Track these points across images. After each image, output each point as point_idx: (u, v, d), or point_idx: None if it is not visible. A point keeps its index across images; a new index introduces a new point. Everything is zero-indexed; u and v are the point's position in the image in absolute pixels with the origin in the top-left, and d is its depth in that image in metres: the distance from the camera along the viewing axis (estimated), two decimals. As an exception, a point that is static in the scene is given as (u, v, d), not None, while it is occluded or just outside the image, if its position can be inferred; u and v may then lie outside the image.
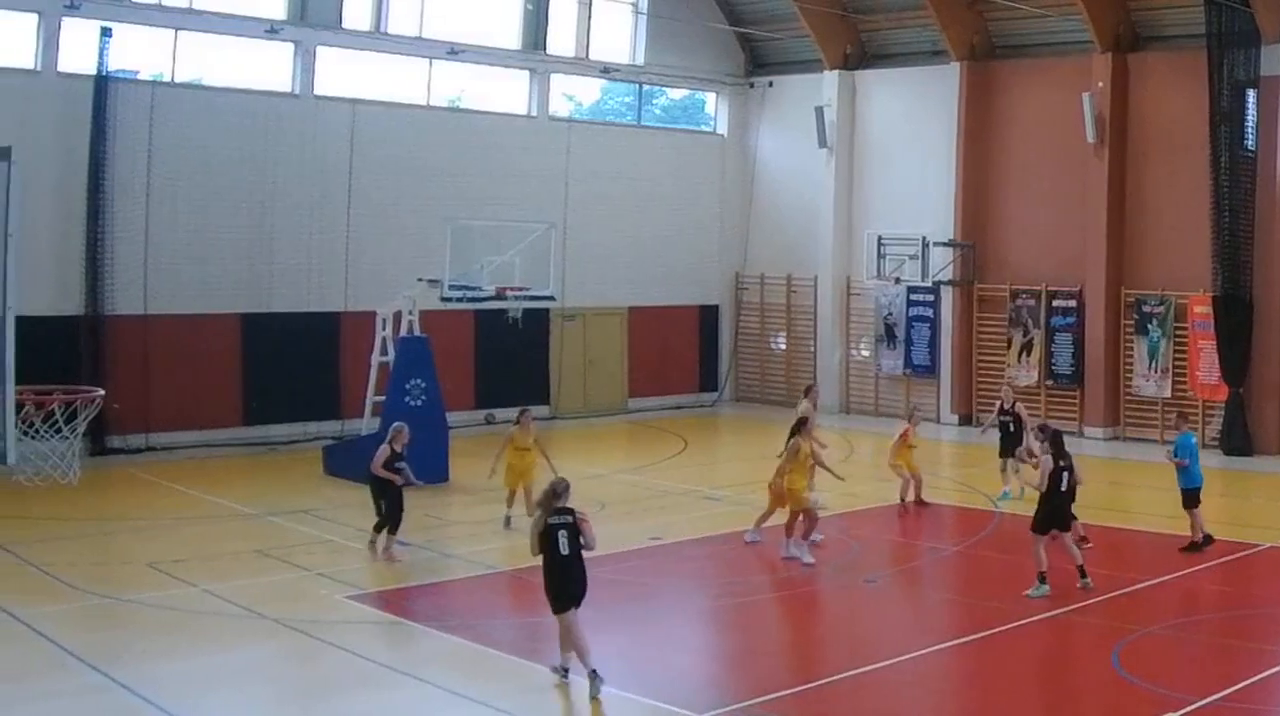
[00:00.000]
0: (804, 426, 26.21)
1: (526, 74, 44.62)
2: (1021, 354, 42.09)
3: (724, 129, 49.81)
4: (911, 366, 44.87)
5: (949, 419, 43.54)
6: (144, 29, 36.72)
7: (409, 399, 32.32)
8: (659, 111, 50.39)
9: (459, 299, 33.56)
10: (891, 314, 45.22)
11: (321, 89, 39.72)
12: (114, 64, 35.58)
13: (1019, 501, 29.68)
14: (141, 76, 37.00)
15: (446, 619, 21.21)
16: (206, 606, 21.95)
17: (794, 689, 18.20)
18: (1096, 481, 34.20)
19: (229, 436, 37.57)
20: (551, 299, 36.02)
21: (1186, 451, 26.05)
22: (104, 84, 35.31)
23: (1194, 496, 25.95)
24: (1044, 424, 28.12)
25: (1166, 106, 39.31)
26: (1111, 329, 40.24)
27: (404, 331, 33.55)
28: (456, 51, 42.08)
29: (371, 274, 39.23)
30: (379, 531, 25.50)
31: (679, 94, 50.73)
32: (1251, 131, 37.20)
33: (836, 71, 46.11)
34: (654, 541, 27.06)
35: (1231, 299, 37.46)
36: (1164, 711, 16.73)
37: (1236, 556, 25.52)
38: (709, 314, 49.34)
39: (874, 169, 45.92)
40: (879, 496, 30.43)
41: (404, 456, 25.68)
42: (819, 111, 45.99)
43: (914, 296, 44.59)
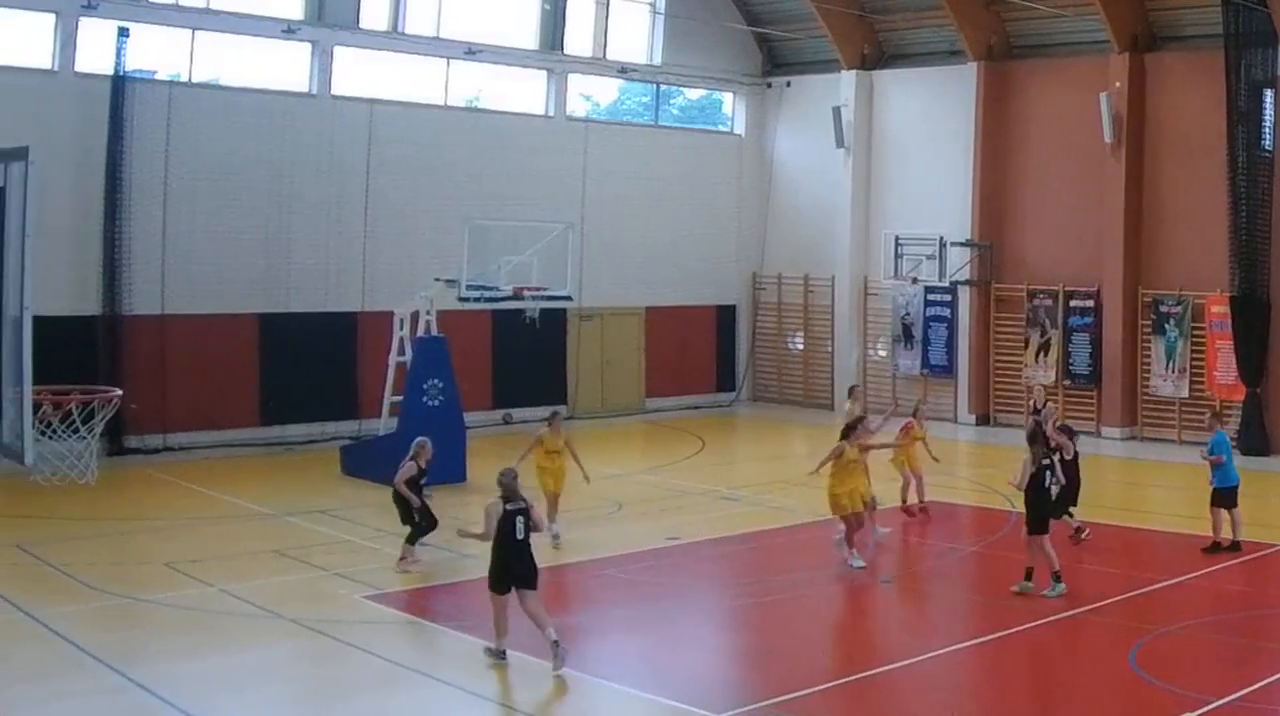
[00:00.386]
0: (853, 432, 25.30)
1: (544, 74, 44.64)
2: (1039, 354, 42.01)
3: (741, 129, 49.78)
4: (929, 366, 44.81)
5: (966, 419, 43.47)
6: (161, 29, 36.74)
7: (426, 399, 32.32)
8: (676, 111, 50.36)
9: (476, 299, 33.51)
10: (909, 314, 45.18)
11: (339, 89, 39.74)
12: (131, 64, 35.62)
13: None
14: (159, 77, 37.03)
15: (464, 619, 21.15)
16: (224, 606, 21.97)
17: (811, 689, 18.17)
18: (1114, 481, 34.33)
19: (246, 436, 37.58)
20: (569, 299, 35.95)
21: (1224, 448, 25.87)
22: (121, 84, 35.35)
23: (1231, 495, 25.70)
24: (1065, 425, 28.09)
25: (1184, 107, 39.23)
26: (1129, 329, 40.16)
27: (421, 331, 33.53)
28: (474, 51, 42.08)
29: (389, 274, 39.22)
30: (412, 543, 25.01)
31: (696, 94, 50.71)
32: (1269, 131, 37.08)
33: (854, 71, 46.07)
34: (671, 541, 27.05)
35: (1249, 299, 37.36)
36: (1182, 712, 16.71)
37: (1255, 556, 25.39)
38: (726, 314, 49.29)
39: (891, 169, 45.88)
40: (895, 496, 30.36)
41: (427, 472, 25.37)
42: (836, 111, 45.96)
43: (931, 296, 44.53)
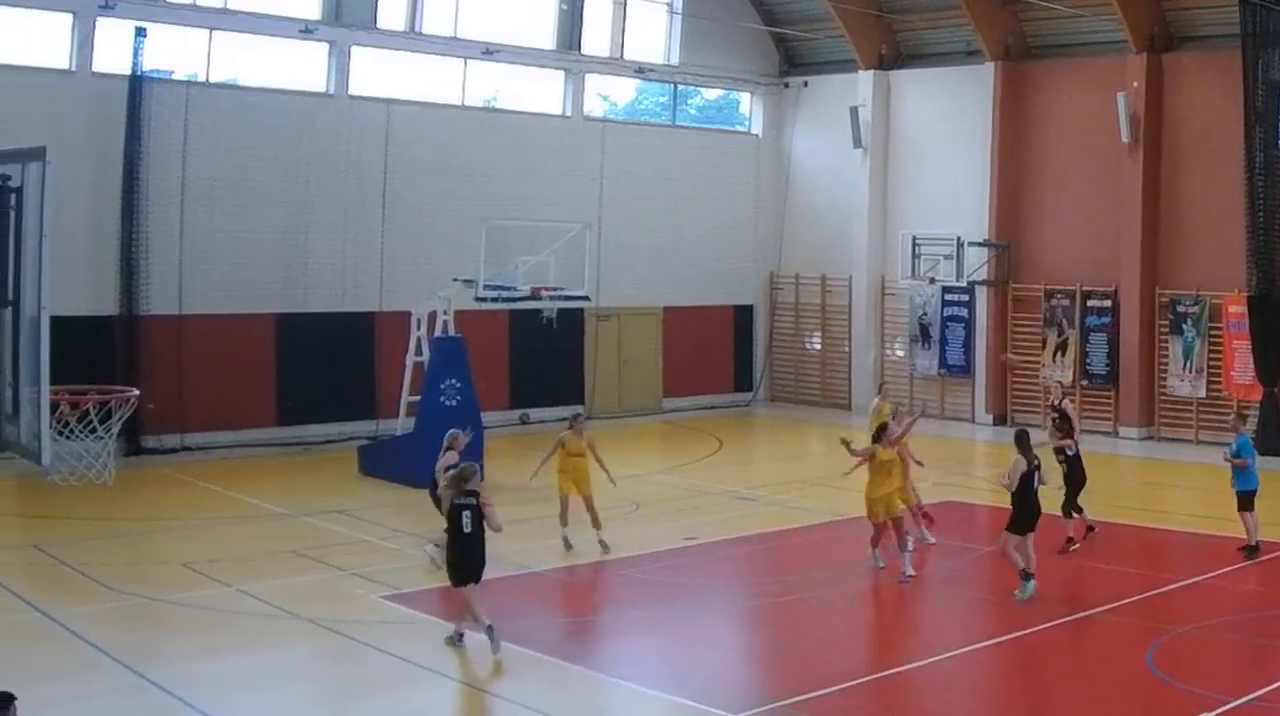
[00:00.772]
0: (884, 434, 24.83)
1: (561, 74, 44.65)
2: (1056, 354, 41.96)
3: (759, 129, 49.78)
4: (946, 366, 44.79)
5: (983, 419, 43.43)
6: (178, 29, 36.78)
7: (444, 399, 32.33)
8: (694, 111, 50.36)
9: (494, 299, 33.49)
10: (926, 314, 45.15)
11: (356, 89, 39.77)
12: (148, 64, 35.66)
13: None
14: (176, 77, 37.08)
15: (483, 618, 21.19)
16: (242, 606, 22.00)
17: (829, 688, 18.14)
18: (1131, 481, 34.29)
19: (264, 436, 37.61)
20: (586, 299, 35.88)
21: (1248, 451, 25.69)
22: (138, 84, 35.41)
23: (1249, 498, 25.64)
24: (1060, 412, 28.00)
25: (1201, 107, 39.16)
26: (1146, 329, 40.10)
27: (439, 331, 33.56)
28: (491, 51, 42.10)
29: (406, 274, 39.21)
30: None
31: (714, 94, 50.72)
32: (1287, 131, 37.09)
33: (871, 71, 46.06)
34: (689, 541, 27.04)
35: (1266, 299, 37.26)
36: (1200, 712, 16.68)
37: (1273, 556, 25.33)
38: (744, 314, 49.29)
39: (909, 169, 45.87)
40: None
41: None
42: (854, 111, 45.95)
43: (949, 296, 44.49)
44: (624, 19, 45.59)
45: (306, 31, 38.48)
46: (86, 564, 24.25)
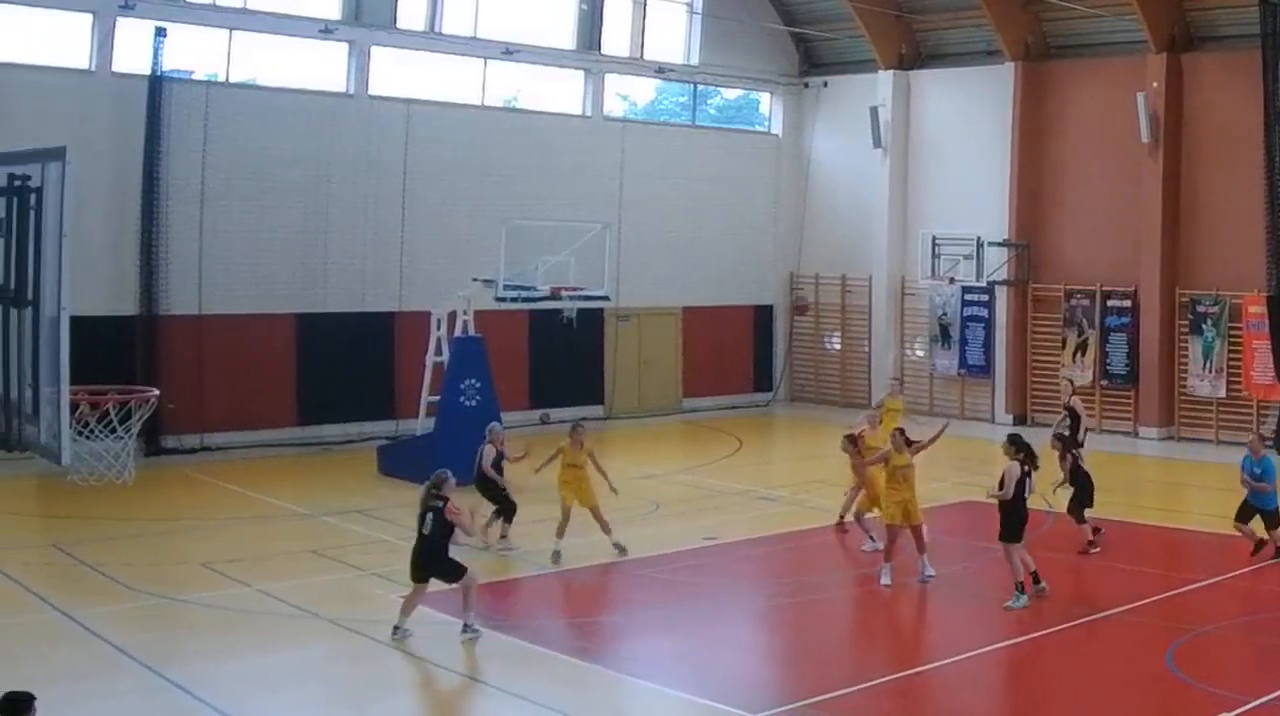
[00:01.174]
0: (895, 438, 24.36)
1: (581, 74, 44.66)
2: (1076, 354, 41.89)
3: (779, 129, 49.74)
4: (966, 366, 44.72)
5: (1003, 419, 43.30)
6: (198, 29, 36.82)
7: (464, 399, 32.39)
8: (713, 111, 50.36)
9: (513, 299, 33.47)
10: (946, 314, 45.09)
11: (376, 89, 39.78)
12: (168, 64, 35.70)
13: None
14: (196, 77, 37.13)
15: (501, 618, 21.21)
16: (261, 606, 22.04)
17: (848, 689, 18.15)
18: (1151, 481, 34.24)
19: (283, 436, 37.65)
20: (606, 299, 35.88)
21: (1273, 476, 25.21)
22: (158, 84, 35.45)
23: (1275, 517, 25.40)
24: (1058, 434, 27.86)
25: (1221, 107, 39.10)
26: (1166, 329, 40.03)
27: (459, 331, 33.56)
28: (511, 51, 42.12)
29: (426, 274, 39.23)
30: (498, 517, 26.15)
31: (733, 94, 50.71)
32: (1307, 132, 37.02)
33: (891, 71, 46.01)
34: (709, 541, 27.01)
35: (1287, 299, 37.27)
36: (1220, 712, 16.66)
37: (1294, 557, 25.33)
38: (764, 314, 49.25)
39: (929, 169, 45.82)
40: (933, 496, 30.17)
41: (505, 456, 26.37)
42: (874, 111, 45.93)
43: (969, 296, 44.43)
44: (644, 19, 45.58)
45: (326, 31, 38.52)
46: (106, 564, 24.30)
